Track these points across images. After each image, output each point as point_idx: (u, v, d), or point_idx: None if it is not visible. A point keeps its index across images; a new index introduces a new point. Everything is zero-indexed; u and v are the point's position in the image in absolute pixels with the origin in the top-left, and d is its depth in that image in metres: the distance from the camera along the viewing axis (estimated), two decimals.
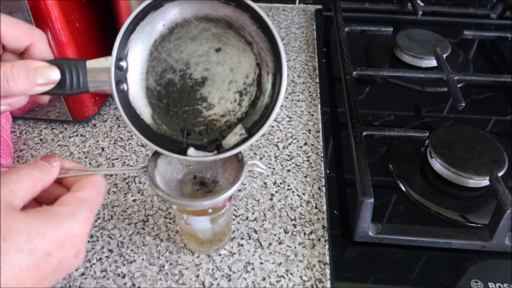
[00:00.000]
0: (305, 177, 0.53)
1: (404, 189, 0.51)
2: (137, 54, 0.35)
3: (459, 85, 0.60)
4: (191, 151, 0.35)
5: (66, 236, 0.28)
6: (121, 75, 0.34)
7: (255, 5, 0.32)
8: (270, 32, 0.33)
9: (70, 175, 0.33)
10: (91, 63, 0.33)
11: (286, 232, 0.47)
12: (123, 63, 0.34)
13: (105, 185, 0.33)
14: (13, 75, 0.30)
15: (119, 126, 0.61)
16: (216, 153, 0.35)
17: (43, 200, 0.32)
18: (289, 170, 0.54)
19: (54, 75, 0.32)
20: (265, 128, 0.33)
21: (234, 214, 0.49)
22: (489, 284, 0.42)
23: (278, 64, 0.34)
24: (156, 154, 0.36)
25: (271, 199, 0.51)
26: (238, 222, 0.48)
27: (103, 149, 0.57)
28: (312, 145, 0.58)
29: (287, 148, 0.57)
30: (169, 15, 0.35)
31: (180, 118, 0.37)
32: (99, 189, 0.32)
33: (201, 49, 0.35)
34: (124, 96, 0.34)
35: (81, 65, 0.33)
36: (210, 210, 0.42)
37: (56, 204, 0.29)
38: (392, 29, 0.73)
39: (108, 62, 0.33)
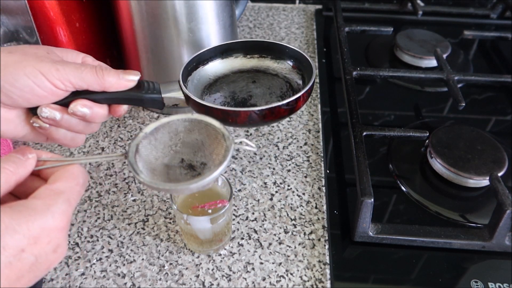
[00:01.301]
0: (305, 177, 0.53)
1: (404, 189, 0.51)
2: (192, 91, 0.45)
3: (459, 85, 0.60)
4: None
5: (40, 231, 0.26)
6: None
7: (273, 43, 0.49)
8: (293, 56, 0.48)
9: (47, 166, 0.32)
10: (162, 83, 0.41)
11: (286, 232, 0.47)
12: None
13: (84, 175, 0.31)
14: (107, 68, 0.35)
15: (119, 126, 0.61)
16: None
17: (21, 194, 0.31)
18: (289, 170, 0.54)
19: (135, 75, 0.37)
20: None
21: (234, 214, 0.49)
22: (489, 284, 0.42)
23: (306, 72, 0.46)
24: (137, 139, 0.35)
25: (271, 199, 0.51)
26: (238, 222, 0.48)
27: (103, 149, 0.57)
28: (312, 145, 0.58)
29: (287, 148, 0.57)
30: (212, 71, 0.49)
31: None
32: (77, 180, 0.30)
33: (241, 84, 0.48)
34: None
35: (155, 82, 0.41)
36: (210, 211, 0.42)
37: (30, 197, 0.28)
38: (392, 29, 0.73)
39: (176, 81, 0.42)
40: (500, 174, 0.47)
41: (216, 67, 0.49)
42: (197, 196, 0.44)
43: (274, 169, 0.54)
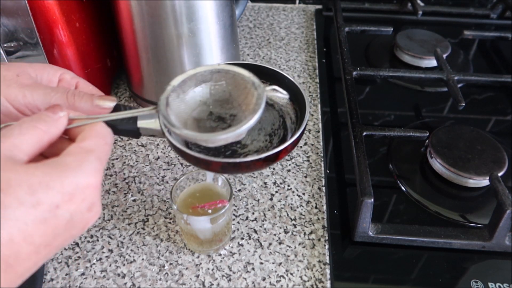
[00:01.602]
0: (305, 177, 0.53)
1: (404, 189, 0.51)
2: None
3: (459, 85, 0.60)
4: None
5: (74, 187, 0.26)
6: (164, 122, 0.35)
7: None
8: (291, 89, 0.40)
9: (76, 124, 0.31)
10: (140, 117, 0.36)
11: (286, 232, 0.47)
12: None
13: (111, 134, 0.31)
14: (79, 94, 0.33)
15: None
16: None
17: (50, 155, 0.30)
18: (289, 170, 0.54)
19: (111, 101, 0.34)
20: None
21: (234, 214, 0.49)
22: (489, 284, 0.42)
23: (300, 108, 0.40)
24: (166, 93, 0.34)
25: (271, 199, 0.51)
26: (238, 222, 0.48)
27: None
28: (312, 145, 0.58)
29: None
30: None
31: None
32: (105, 138, 0.30)
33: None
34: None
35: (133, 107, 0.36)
36: (210, 211, 0.42)
37: (61, 155, 0.27)
38: (392, 29, 0.73)
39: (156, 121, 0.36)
40: (500, 174, 0.47)
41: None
42: (197, 196, 0.44)
43: (274, 169, 0.54)
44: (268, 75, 0.42)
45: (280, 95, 0.35)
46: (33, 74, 0.34)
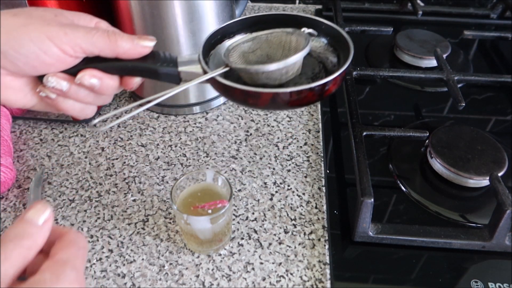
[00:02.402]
0: (305, 177, 0.53)
1: (404, 189, 0.51)
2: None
3: (459, 85, 0.60)
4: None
5: None
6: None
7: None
8: (329, 33, 0.42)
9: (160, 98, 0.33)
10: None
11: (286, 232, 0.47)
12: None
13: (83, 238, 0.29)
14: (120, 33, 0.32)
15: (119, 126, 0.61)
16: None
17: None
18: (289, 170, 0.54)
19: (151, 40, 0.34)
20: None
21: (234, 214, 0.49)
22: (489, 284, 0.42)
23: (341, 49, 0.41)
24: (226, 51, 0.38)
25: (271, 199, 0.51)
26: (238, 222, 0.48)
27: (103, 149, 0.57)
28: (312, 145, 0.58)
29: (287, 148, 0.57)
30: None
31: None
32: (77, 245, 0.29)
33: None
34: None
35: (173, 54, 0.37)
36: (210, 211, 0.42)
37: (38, 273, 0.26)
38: (392, 29, 0.73)
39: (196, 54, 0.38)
40: (500, 174, 0.47)
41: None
42: (197, 196, 0.44)
43: (274, 169, 0.54)
44: (303, 24, 0.43)
45: (312, 31, 0.40)
46: (70, 17, 0.33)
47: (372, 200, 0.42)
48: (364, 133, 0.51)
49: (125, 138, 0.59)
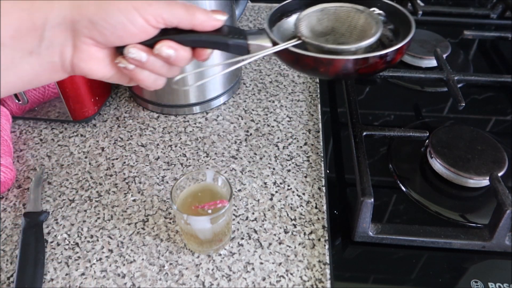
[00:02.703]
0: (305, 177, 0.53)
1: (404, 189, 0.51)
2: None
3: (459, 85, 0.60)
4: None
5: None
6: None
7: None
8: (385, 9, 0.43)
9: (256, 57, 0.38)
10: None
11: (286, 232, 0.47)
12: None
13: None
14: (197, 7, 0.35)
15: (119, 126, 0.61)
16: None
17: None
18: (289, 170, 0.54)
19: (223, 14, 0.36)
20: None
21: (234, 214, 0.49)
22: (489, 284, 0.42)
23: (401, 26, 0.42)
24: (297, 22, 0.41)
25: (271, 199, 0.51)
26: (238, 222, 0.48)
27: (103, 149, 0.57)
28: (312, 145, 0.58)
29: (287, 148, 0.57)
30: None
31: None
32: None
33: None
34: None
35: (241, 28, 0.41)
36: (209, 211, 0.42)
37: None
38: None
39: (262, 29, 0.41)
40: (500, 174, 0.47)
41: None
42: (197, 196, 0.44)
43: (274, 169, 0.54)
44: (359, 1, 0.45)
45: (381, 12, 0.43)
46: None
47: (372, 200, 0.42)
48: (364, 133, 0.51)
49: (125, 138, 0.59)
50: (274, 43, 0.40)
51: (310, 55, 0.39)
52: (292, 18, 0.46)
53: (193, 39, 0.37)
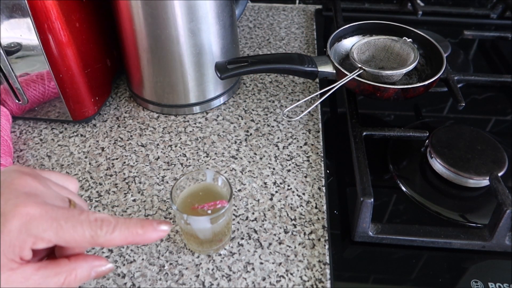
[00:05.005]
0: (305, 177, 0.53)
1: (404, 189, 0.51)
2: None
3: (459, 85, 0.60)
4: None
5: None
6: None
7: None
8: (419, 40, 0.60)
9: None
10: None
11: (286, 232, 0.47)
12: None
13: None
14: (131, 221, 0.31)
15: (119, 126, 0.61)
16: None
17: None
18: (289, 170, 0.54)
19: (167, 227, 0.31)
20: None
21: (234, 214, 0.49)
22: (489, 284, 0.42)
23: (430, 52, 0.58)
24: (353, 48, 0.57)
25: (271, 199, 0.51)
26: (238, 222, 0.48)
27: (103, 149, 0.57)
28: (312, 145, 0.58)
29: (287, 148, 0.57)
30: (344, 47, 0.62)
31: None
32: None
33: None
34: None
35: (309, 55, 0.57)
36: (209, 211, 0.42)
37: None
38: None
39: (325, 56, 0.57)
40: (500, 174, 0.47)
41: (348, 44, 0.61)
42: (197, 196, 0.44)
43: (274, 169, 0.54)
44: (396, 32, 0.59)
45: (410, 40, 0.56)
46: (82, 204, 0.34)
47: (372, 200, 0.42)
48: (364, 133, 0.51)
49: (125, 138, 0.59)
50: (336, 69, 0.53)
51: (372, 84, 0.51)
52: (341, 42, 0.60)
53: (276, 67, 0.51)
